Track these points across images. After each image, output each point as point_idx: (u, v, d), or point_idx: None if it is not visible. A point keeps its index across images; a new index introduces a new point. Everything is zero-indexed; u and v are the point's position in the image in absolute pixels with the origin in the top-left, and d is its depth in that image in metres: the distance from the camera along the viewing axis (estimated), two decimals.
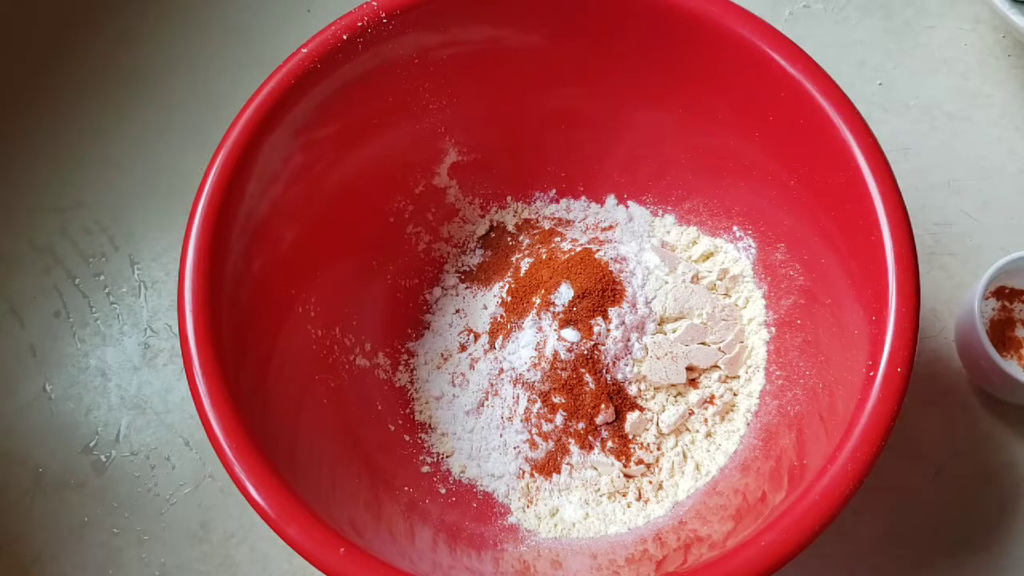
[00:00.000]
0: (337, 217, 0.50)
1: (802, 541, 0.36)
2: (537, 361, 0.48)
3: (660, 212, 0.55)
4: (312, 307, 0.49)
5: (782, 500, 0.40)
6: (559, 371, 0.48)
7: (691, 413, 0.49)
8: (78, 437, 0.56)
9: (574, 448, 0.48)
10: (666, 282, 0.49)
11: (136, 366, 0.58)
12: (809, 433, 0.44)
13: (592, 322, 0.48)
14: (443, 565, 0.43)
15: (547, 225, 0.56)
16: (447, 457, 0.51)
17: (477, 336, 0.52)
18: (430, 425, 0.52)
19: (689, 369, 0.49)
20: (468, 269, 0.56)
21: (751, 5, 0.46)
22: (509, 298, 0.51)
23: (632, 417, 0.48)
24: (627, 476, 0.48)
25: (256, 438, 0.39)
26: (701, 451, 0.48)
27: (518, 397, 0.49)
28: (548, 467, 0.48)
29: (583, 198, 0.56)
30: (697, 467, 0.48)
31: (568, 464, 0.48)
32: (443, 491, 0.49)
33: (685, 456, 0.48)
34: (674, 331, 0.49)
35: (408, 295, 0.55)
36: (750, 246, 0.51)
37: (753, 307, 0.51)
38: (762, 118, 0.47)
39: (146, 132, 0.64)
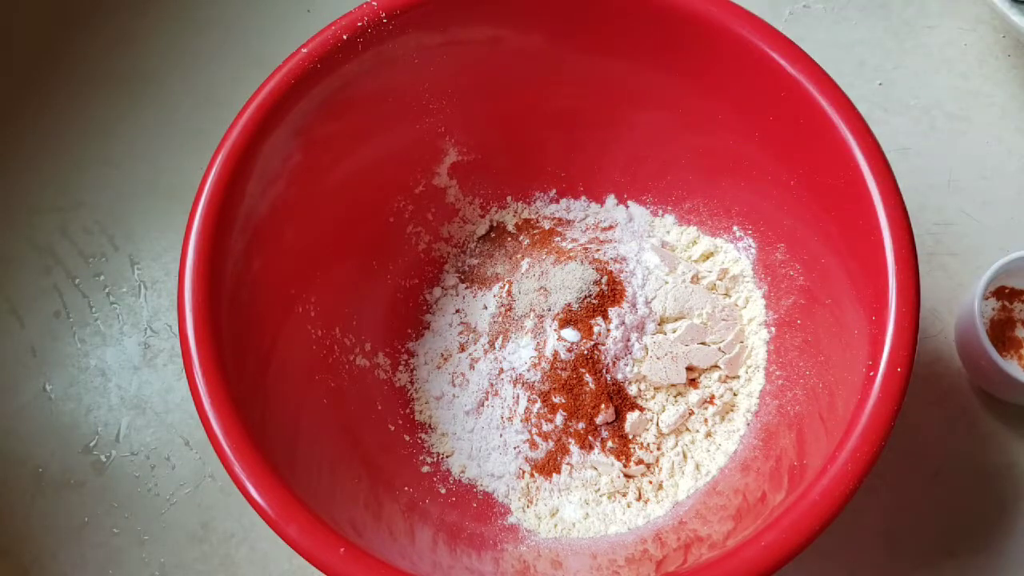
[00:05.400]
0: (337, 217, 0.50)
1: (802, 541, 0.36)
2: (537, 361, 0.48)
3: (660, 212, 0.55)
4: (312, 307, 0.49)
5: (782, 500, 0.40)
6: (559, 371, 0.48)
7: (691, 413, 0.49)
8: (78, 437, 0.56)
9: (574, 448, 0.48)
10: (666, 282, 0.49)
11: (136, 366, 0.58)
12: (809, 433, 0.44)
13: (592, 322, 0.48)
14: (443, 565, 0.43)
15: (547, 225, 0.56)
16: (447, 457, 0.51)
17: (477, 336, 0.52)
18: (430, 425, 0.52)
19: (689, 369, 0.49)
20: (468, 269, 0.56)
21: (751, 5, 0.46)
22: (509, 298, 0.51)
23: (632, 417, 0.48)
24: (627, 476, 0.48)
25: (256, 438, 0.39)
26: (701, 451, 0.48)
27: (518, 397, 0.49)
28: (548, 467, 0.48)
29: (583, 198, 0.56)
30: (697, 467, 0.48)
31: (568, 464, 0.48)
32: (443, 491, 0.49)
33: (685, 456, 0.48)
34: (674, 331, 0.49)
35: (408, 295, 0.55)
36: (750, 246, 0.51)
37: (753, 307, 0.51)
38: (762, 118, 0.47)
39: (146, 132, 0.64)
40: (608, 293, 0.49)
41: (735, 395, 0.49)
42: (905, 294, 0.39)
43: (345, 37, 0.46)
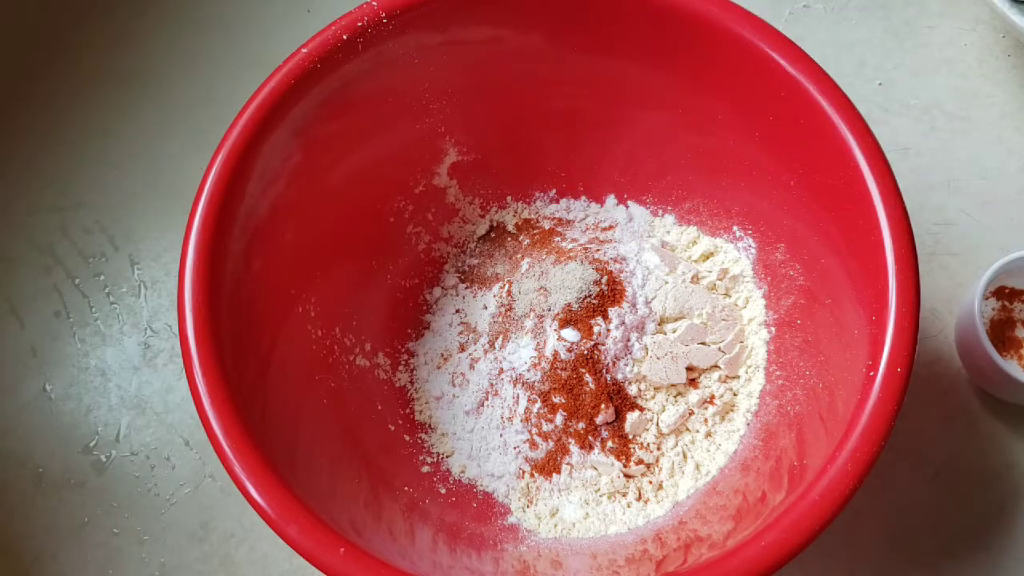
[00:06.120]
0: (337, 217, 0.50)
1: (802, 541, 0.36)
2: (537, 361, 0.48)
3: (660, 212, 0.55)
4: (312, 307, 0.49)
5: (782, 500, 0.40)
6: (559, 371, 0.48)
7: (691, 413, 0.49)
8: (78, 437, 0.56)
9: (574, 448, 0.48)
10: (666, 282, 0.49)
11: (136, 366, 0.58)
12: (809, 433, 0.44)
13: (592, 322, 0.48)
14: (443, 565, 0.43)
15: (547, 225, 0.56)
16: (447, 457, 0.51)
17: (477, 336, 0.52)
18: (430, 425, 0.52)
19: (689, 369, 0.49)
20: (468, 269, 0.56)
21: (751, 5, 0.46)
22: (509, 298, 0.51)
23: (632, 417, 0.48)
24: (627, 476, 0.48)
25: (256, 438, 0.39)
26: (701, 451, 0.48)
27: (518, 397, 0.49)
28: (548, 467, 0.48)
29: (583, 198, 0.56)
30: (697, 467, 0.48)
31: (568, 464, 0.48)
32: (443, 491, 0.49)
33: (685, 456, 0.48)
34: (674, 331, 0.49)
35: (408, 295, 0.55)
36: (750, 246, 0.51)
37: (753, 307, 0.51)
38: (762, 118, 0.47)
39: (146, 132, 0.64)
40: (608, 293, 0.49)
41: (735, 395, 0.49)
42: (905, 294, 0.39)
43: (345, 37, 0.46)
